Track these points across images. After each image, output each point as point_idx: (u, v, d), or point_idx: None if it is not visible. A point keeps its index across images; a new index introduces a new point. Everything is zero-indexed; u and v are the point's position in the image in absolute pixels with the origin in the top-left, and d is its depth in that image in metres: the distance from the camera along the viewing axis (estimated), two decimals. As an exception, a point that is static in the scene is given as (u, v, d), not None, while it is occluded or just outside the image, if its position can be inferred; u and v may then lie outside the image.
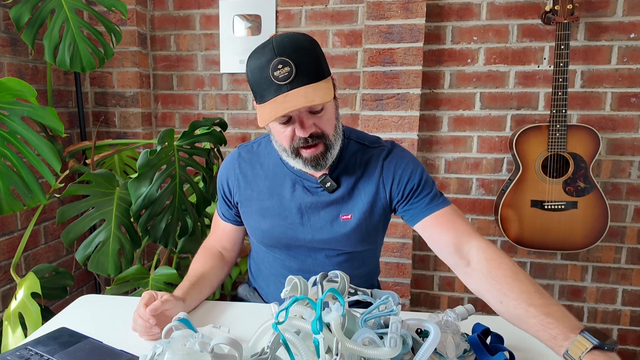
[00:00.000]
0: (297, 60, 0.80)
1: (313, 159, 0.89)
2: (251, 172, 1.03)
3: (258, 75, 0.82)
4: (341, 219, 0.97)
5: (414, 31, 1.72)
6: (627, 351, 1.90)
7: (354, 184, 0.97)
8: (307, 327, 0.62)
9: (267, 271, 1.09)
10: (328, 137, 0.89)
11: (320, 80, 0.83)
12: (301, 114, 0.84)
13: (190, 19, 1.99)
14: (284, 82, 0.80)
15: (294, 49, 0.80)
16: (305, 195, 0.98)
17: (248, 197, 1.02)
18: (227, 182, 1.05)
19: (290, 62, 0.80)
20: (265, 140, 1.06)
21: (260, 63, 0.82)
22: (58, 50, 1.43)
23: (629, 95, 1.74)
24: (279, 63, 0.79)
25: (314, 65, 0.83)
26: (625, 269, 1.85)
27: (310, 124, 0.86)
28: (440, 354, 0.66)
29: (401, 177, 0.97)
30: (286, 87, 0.80)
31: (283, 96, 0.80)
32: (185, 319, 0.76)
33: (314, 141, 0.87)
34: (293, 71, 0.80)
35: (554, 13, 1.61)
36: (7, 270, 1.64)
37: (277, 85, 0.80)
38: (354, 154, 0.99)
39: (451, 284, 1.99)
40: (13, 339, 1.24)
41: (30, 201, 1.24)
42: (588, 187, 1.65)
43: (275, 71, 0.80)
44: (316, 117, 0.86)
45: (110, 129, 2.01)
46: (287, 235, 1.00)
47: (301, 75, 0.80)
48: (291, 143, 0.88)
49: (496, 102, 1.83)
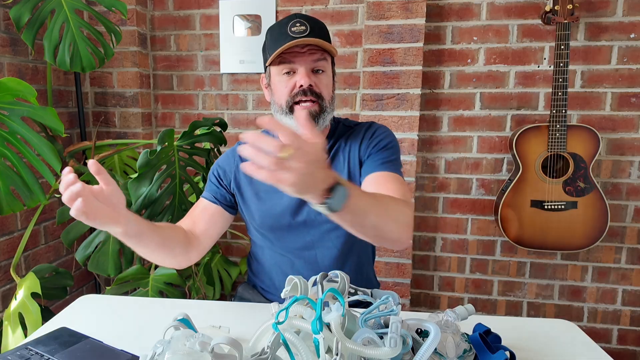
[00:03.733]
0: (312, 23, 0.95)
1: (307, 114, 0.94)
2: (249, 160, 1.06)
3: (277, 31, 0.96)
4: None
5: (414, 31, 1.72)
6: (627, 351, 1.90)
7: (340, 153, 1.04)
8: (307, 327, 0.62)
9: (268, 263, 1.10)
10: (324, 99, 0.97)
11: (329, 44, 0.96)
12: (306, 67, 0.95)
13: (190, 19, 1.99)
14: (298, 35, 0.92)
15: (312, 18, 0.97)
16: None
17: (247, 182, 1.06)
18: (225, 168, 1.09)
19: (306, 23, 0.94)
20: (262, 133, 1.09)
21: (280, 22, 0.96)
22: (58, 50, 1.43)
23: (629, 95, 1.74)
24: (297, 22, 0.94)
25: (326, 33, 0.98)
26: (625, 269, 1.85)
27: (312, 79, 0.95)
28: (440, 354, 0.66)
29: (372, 137, 1.03)
30: (300, 38, 0.92)
31: (295, 41, 0.91)
32: (185, 319, 0.76)
33: (311, 96, 0.95)
34: (307, 29, 0.93)
35: (554, 13, 1.61)
36: (7, 270, 1.64)
37: (291, 37, 0.92)
38: (341, 133, 1.07)
39: (451, 284, 1.99)
40: (13, 339, 1.24)
41: (30, 201, 1.24)
42: (588, 187, 1.65)
43: (293, 27, 0.93)
44: (317, 77, 0.96)
45: (110, 129, 2.01)
46: (285, 215, 1.02)
47: (314, 33, 0.93)
48: (289, 95, 0.96)
49: (496, 102, 1.83)
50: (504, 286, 1.95)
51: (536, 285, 1.92)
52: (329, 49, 0.96)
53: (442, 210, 1.94)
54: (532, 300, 1.94)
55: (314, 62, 0.95)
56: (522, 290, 1.94)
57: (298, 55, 0.94)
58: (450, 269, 1.98)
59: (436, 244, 1.97)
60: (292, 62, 0.95)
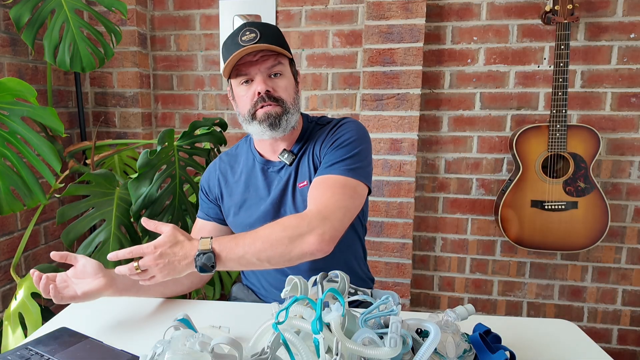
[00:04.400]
0: (262, 29, 0.94)
1: (268, 117, 0.95)
2: (230, 171, 1.10)
3: (229, 42, 0.95)
4: (299, 187, 1.01)
5: (414, 31, 1.72)
6: (627, 351, 1.90)
7: (307, 153, 1.03)
8: (307, 327, 0.62)
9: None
10: (285, 102, 0.97)
11: (281, 47, 0.95)
12: (261, 74, 0.95)
13: (190, 19, 1.99)
14: (248, 43, 0.92)
15: (261, 24, 0.96)
16: (274, 178, 1.04)
17: (229, 193, 1.08)
18: (209, 183, 1.12)
19: (256, 30, 0.93)
20: (242, 143, 1.14)
21: (232, 33, 0.96)
22: (58, 50, 1.43)
23: (629, 95, 1.74)
24: (246, 30, 0.93)
25: (277, 37, 0.96)
26: (626, 269, 1.85)
27: (269, 84, 0.95)
28: (440, 354, 0.66)
29: (332, 134, 1.00)
30: (249, 45, 0.92)
31: (244, 49, 0.91)
32: (185, 319, 0.76)
33: (270, 101, 0.95)
34: (258, 36, 0.93)
35: (554, 13, 1.61)
36: (7, 270, 1.64)
37: (241, 47, 0.92)
38: (313, 132, 1.06)
39: (451, 284, 1.99)
40: (13, 339, 1.24)
41: (30, 201, 1.24)
42: (588, 187, 1.65)
43: (243, 36, 0.92)
44: (274, 81, 0.96)
45: (110, 129, 2.01)
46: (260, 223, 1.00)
47: (264, 39, 0.93)
48: (250, 104, 0.96)
49: (496, 102, 1.83)
50: (504, 286, 1.95)
51: (536, 285, 1.92)
52: (281, 52, 0.95)
53: (442, 210, 1.94)
54: (532, 300, 1.94)
55: (268, 69, 0.95)
56: (522, 290, 1.94)
57: (252, 64, 0.95)
58: (450, 269, 1.98)
59: (436, 244, 1.97)
60: (247, 71, 0.95)
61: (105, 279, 0.85)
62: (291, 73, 1.01)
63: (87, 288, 0.82)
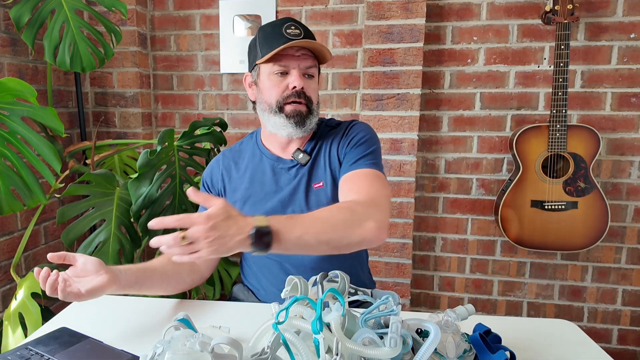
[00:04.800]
0: (304, 29, 0.98)
1: (297, 114, 0.97)
2: (234, 166, 1.10)
3: (270, 31, 0.97)
4: (314, 188, 1.02)
5: (414, 31, 1.72)
6: (627, 351, 1.90)
7: (321, 154, 1.05)
8: (307, 327, 0.62)
9: (257, 266, 1.10)
10: (313, 102, 1.01)
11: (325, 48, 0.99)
12: (299, 69, 0.97)
13: (190, 19, 1.99)
14: (295, 37, 0.94)
15: (303, 24, 1.00)
16: (284, 176, 1.04)
17: (233, 188, 1.08)
18: (211, 179, 1.11)
19: (300, 28, 0.97)
20: (246, 139, 1.14)
21: (274, 23, 0.98)
22: (58, 50, 1.43)
23: (629, 95, 1.74)
24: (291, 25, 0.96)
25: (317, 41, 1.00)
26: (626, 269, 1.85)
27: (304, 82, 0.98)
28: (441, 354, 0.66)
29: (347, 135, 1.04)
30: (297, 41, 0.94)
31: (293, 43, 0.93)
32: (185, 319, 0.75)
33: (302, 98, 0.98)
34: (302, 34, 0.96)
35: (554, 13, 1.61)
36: (7, 270, 1.64)
37: (286, 39, 0.94)
38: (323, 133, 1.08)
39: (451, 284, 1.99)
40: (13, 339, 1.24)
41: (30, 201, 1.24)
42: (588, 187, 1.65)
43: (288, 29, 0.95)
44: (307, 81, 0.99)
45: (110, 129, 2.01)
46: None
47: (309, 38, 0.96)
48: (281, 95, 0.98)
49: (496, 102, 1.83)
50: (504, 286, 1.95)
51: (536, 285, 1.92)
52: (324, 55, 0.99)
53: (442, 210, 1.94)
54: (532, 300, 1.94)
55: (306, 68, 0.99)
56: (522, 290, 1.94)
57: (293, 58, 0.97)
58: (450, 269, 1.98)
59: (436, 244, 1.97)
60: (286, 64, 0.97)
61: (108, 275, 0.82)
62: (318, 79, 1.06)
63: (91, 285, 0.79)
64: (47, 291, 0.77)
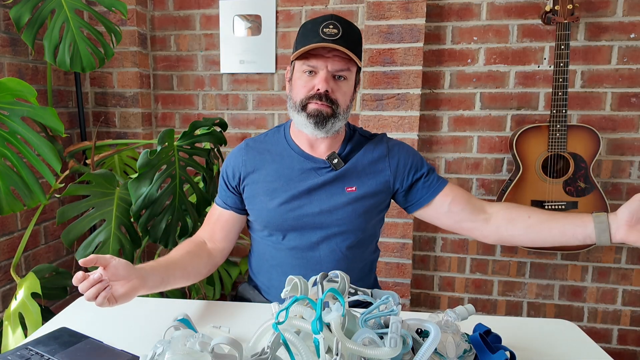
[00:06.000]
0: (345, 28, 0.95)
1: (317, 114, 0.96)
2: (259, 157, 1.08)
3: (309, 28, 0.96)
4: (346, 191, 1.03)
5: (414, 31, 1.72)
6: (627, 351, 1.90)
7: (360, 162, 1.05)
8: (307, 327, 0.62)
9: (269, 263, 1.10)
10: (339, 106, 0.98)
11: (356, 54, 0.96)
12: (327, 71, 0.95)
13: (190, 19, 1.99)
14: (328, 38, 0.93)
15: (347, 22, 0.96)
16: (312, 174, 1.04)
17: (255, 180, 1.06)
18: (233, 168, 1.09)
19: (340, 27, 0.94)
20: (272, 132, 1.13)
21: (315, 20, 0.97)
22: (58, 50, 1.43)
23: (629, 95, 1.74)
24: (330, 23, 0.94)
25: (356, 42, 0.97)
26: (626, 269, 1.85)
27: (331, 85, 0.96)
28: (441, 354, 0.66)
29: (405, 163, 1.07)
30: (329, 41, 0.93)
31: (321, 44, 0.93)
32: (185, 319, 0.76)
33: (325, 102, 0.96)
34: (339, 34, 0.93)
35: (554, 13, 1.61)
36: (7, 270, 1.64)
37: (321, 38, 0.93)
38: (359, 141, 1.09)
39: (451, 284, 1.99)
40: (13, 339, 1.24)
41: (30, 201, 1.24)
42: (588, 187, 1.65)
43: (325, 28, 0.93)
44: (336, 84, 0.97)
45: (110, 129, 2.01)
46: (294, 214, 1.02)
47: (344, 40, 0.93)
48: (306, 94, 0.97)
49: (496, 102, 1.83)
50: (504, 286, 1.95)
51: (536, 285, 1.92)
52: (354, 60, 0.96)
53: (442, 210, 1.94)
54: (532, 300, 1.94)
55: (336, 70, 0.96)
56: (522, 290, 1.94)
57: (323, 59, 0.95)
58: (451, 269, 1.98)
59: (436, 244, 1.97)
60: (315, 64, 0.96)
61: (138, 280, 0.80)
62: (354, 80, 1.02)
63: (123, 291, 0.77)
64: (87, 296, 0.73)
